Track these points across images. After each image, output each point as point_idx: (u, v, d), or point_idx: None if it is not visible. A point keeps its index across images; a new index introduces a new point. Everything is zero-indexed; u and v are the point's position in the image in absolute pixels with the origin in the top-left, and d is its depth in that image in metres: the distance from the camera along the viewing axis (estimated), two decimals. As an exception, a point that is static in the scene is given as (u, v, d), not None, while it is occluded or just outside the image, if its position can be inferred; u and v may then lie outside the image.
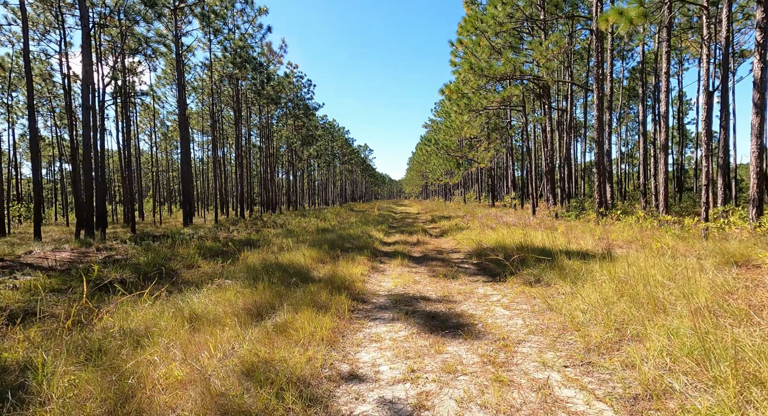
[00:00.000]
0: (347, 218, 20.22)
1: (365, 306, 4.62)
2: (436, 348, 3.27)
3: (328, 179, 63.11)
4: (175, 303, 4.13)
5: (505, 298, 4.87)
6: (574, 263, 5.81)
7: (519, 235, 9.42)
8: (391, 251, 9.04)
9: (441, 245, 10.21)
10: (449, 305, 4.61)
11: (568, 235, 9.25)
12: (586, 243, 7.98)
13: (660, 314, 3.37)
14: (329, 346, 3.32)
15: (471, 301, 4.79)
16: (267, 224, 18.36)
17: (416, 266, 7.20)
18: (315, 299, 4.43)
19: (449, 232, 12.52)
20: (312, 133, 37.07)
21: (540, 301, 4.54)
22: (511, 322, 3.94)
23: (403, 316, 4.18)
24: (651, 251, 6.30)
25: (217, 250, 9.44)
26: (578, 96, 28.61)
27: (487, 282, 5.79)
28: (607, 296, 4.01)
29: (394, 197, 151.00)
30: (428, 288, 5.50)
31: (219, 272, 5.89)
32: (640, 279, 4.35)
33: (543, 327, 3.73)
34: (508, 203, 23.11)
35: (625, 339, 3.11)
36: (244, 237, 12.43)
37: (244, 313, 3.90)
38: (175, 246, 9.27)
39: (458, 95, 16.70)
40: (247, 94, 24.68)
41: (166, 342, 3.12)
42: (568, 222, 13.09)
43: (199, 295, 4.44)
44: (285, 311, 3.97)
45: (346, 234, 11.47)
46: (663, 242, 6.70)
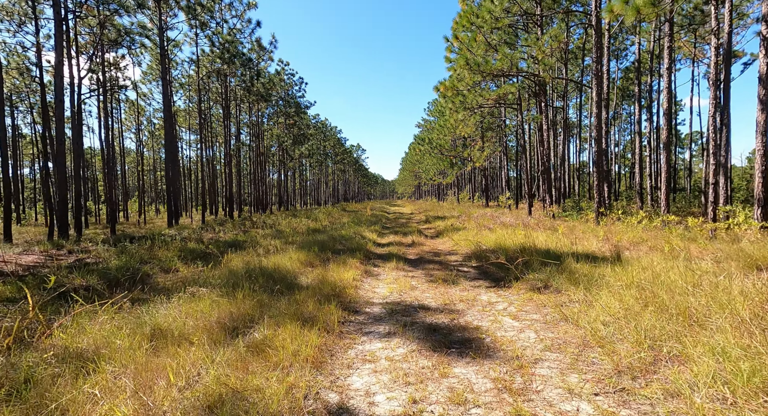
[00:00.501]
0: (339, 219, 19.70)
1: (358, 318, 4.13)
2: (441, 369, 2.79)
3: (320, 179, 62.44)
4: (139, 316, 3.59)
5: (512, 306, 4.41)
6: (582, 267, 5.39)
7: (519, 236, 9.01)
8: (385, 254, 8.56)
9: (437, 247, 9.75)
10: (451, 315, 4.14)
11: (570, 236, 8.86)
12: (590, 245, 7.59)
13: (695, 327, 2.94)
14: (315, 368, 2.83)
15: (475, 310, 4.32)
16: (256, 225, 17.76)
17: (412, 270, 6.72)
18: (301, 310, 3.92)
19: (445, 233, 12.08)
20: (304, 132, 36.43)
21: (552, 310, 4.10)
22: (523, 335, 3.49)
23: (400, 329, 3.70)
24: (663, 254, 5.92)
25: (200, 252, 8.87)
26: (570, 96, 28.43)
27: (490, 288, 5.34)
28: (629, 306, 3.57)
29: (387, 198, 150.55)
30: (427, 295, 5.03)
31: (195, 278, 5.35)
32: (659, 285, 3.94)
33: (560, 342, 3.27)
34: (502, 203, 22.78)
35: (662, 360, 2.67)
36: (230, 238, 11.85)
37: (218, 328, 3.38)
38: (153, 248, 8.67)
39: (453, 93, 16.29)
40: (237, 91, 24.00)
41: (117, 367, 2.59)
42: (567, 223, 12.75)
43: (169, 306, 3.91)
44: (265, 325, 3.46)
45: (338, 235, 10.96)
46: (674, 244, 6.33)
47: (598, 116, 12.30)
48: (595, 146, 12.45)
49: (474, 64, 13.47)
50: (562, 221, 13.53)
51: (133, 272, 6.60)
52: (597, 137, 12.42)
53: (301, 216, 21.96)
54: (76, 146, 11.72)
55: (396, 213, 29.72)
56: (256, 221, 19.43)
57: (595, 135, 12.42)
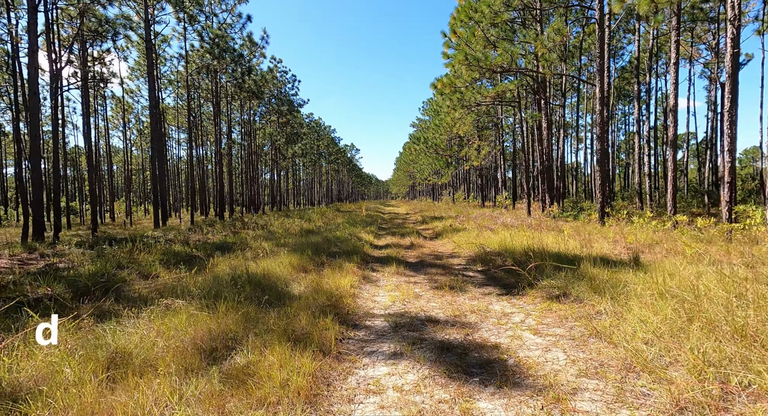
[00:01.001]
0: (333, 219, 19.15)
1: (357, 334, 3.61)
2: (462, 405, 2.29)
3: (313, 178, 61.75)
4: (100, 336, 3.04)
5: (531, 318, 3.94)
6: (600, 272, 4.94)
7: (524, 237, 8.57)
8: (384, 257, 8.05)
9: (437, 249, 9.27)
10: (464, 329, 3.64)
11: (578, 237, 8.43)
12: (601, 247, 7.16)
13: (761, 351, 2.48)
14: (309, 404, 2.31)
15: (489, 323, 3.84)
16: (247, 226, 17.15)
17: (414, 275, 6.23)
18: (292, 326, 3.40)
19: (444, 234, 11.61)
20: (297, 131, 35.79)
21: (577, 323, 3.63)
22: (550, 356, 3.00)
23: (407, 348, 3.19)
24: (685, 258, 5.50)
25: (185, 256, 8.28)
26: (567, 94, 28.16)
27: (501, 295, 4.86)
28: (668, 320, 3.11)
29: (381, 198, 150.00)
30: (433, 305, 4.53)
31: (175, 286, 4.79)
32: (696, 294, 3.49)
33: (596, 365, 2.80)
34: (500, 203, 22.41)
35: (734, 393, 2.20)
36: (218, 240, 11.26)
37: (193, 350, 2.85)
38: (134, 251, 8.07)
39: (451, 90, 15.84)
40: (227, 88, 23.33)
41: (56, 409, 2.05)
42: (569, 223, 12.36)
43: (138, 322, 3.36)
44: (250, 345, 2.93)
45: (333, 237, 10.43)
46: (693, 247, 5.91)
47: (601, 113, 11.92)
48: (598, 144, 12.07)
49: (473, 60, 13.03)
50: (564, 222, 13.15)
51: (108, 278, 6.02)
52: (600, 134, 12.04)
53: (294, 217, 21.37)
54: (55, 142, 11.02)
55: (391, 213, 29.22)
56: (247, 222, 18.80)
57: (598, 133, 12.04)
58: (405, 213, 29.45)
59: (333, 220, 18.77)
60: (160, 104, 22.95)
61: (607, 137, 12.96)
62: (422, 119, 46.47)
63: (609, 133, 31.27)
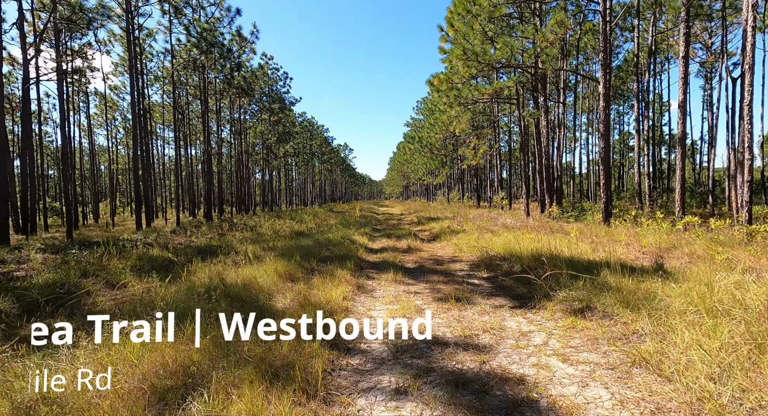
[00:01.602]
0: (326, 220, 18.50)
1: (351, 362, 3.00)
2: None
3: (306, 178, 60.96)
4: (18, 374, 2.39)
5: (554, 339, 3.36)
6: (623, 282, 4.39)
7: (528, 240, 8.02)
8: (380, 262, 7.44)
9: (437, 253, 8.69)
10: (479, 355, 3.05)
11: (586, 240, 7.92)
12: (614, 251, 6.64)
13: None
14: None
15: (506, 345, 3.25)
16: (235, 227, 16.43)
17: (414, 283, 5.63)
18: (271, 355, 2.78)
19: (442, 236, 11.04)
20: (289, 130, 35.02)
21: (611, 347, 3.06)
22: (591, 394, 2.42)
23: (413, 383, 2.59)
24: (713, 264, 4.98)
25: (162, 261, 7.60)
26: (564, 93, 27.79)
27: (515, 309, 4.28)
28: (729, 344, 2.55)
29: (375, 198, 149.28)
30: (439, 321, 3.94)
31: (143, 298, 4.13)
32: (741, 308, 2.94)
33: (652, 409, 2.22)
34: (496, 204, 21.94)
35: None
36: (203, 243, 10.56)
37: (139, 394, 2.21)
38: (105, 257, 7.36)
39: (448, 86, 15.29)
40: (215, 84, 22.55)
41: None
42: (571, 224, 11.88)
43: (76, 353, 2.71)
44: (214, 385, 2.30)
45: (325, 239, 9.80)
46: (720, 251, 5.39)
47: (605, 109, 11.46)
48: (602, 142, 11.60)
49: (472, 54, 12.49)
50: (565, 223, 12.68)
51: (69, 289, 5.34)
52: (604, 132, 11.58)
53: (285, 218, 20.67)
54: (25, 138, 10.25)
55: (385, 214, 28.62)
56: (236, 223, 18.08)
57: (602, 130, 11.58)
58: (400, 214, 28.87)
59: (326, 221, 18.12)
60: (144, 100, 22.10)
61: (609, 135, 12.50)
62: (416, 118, 45.96)
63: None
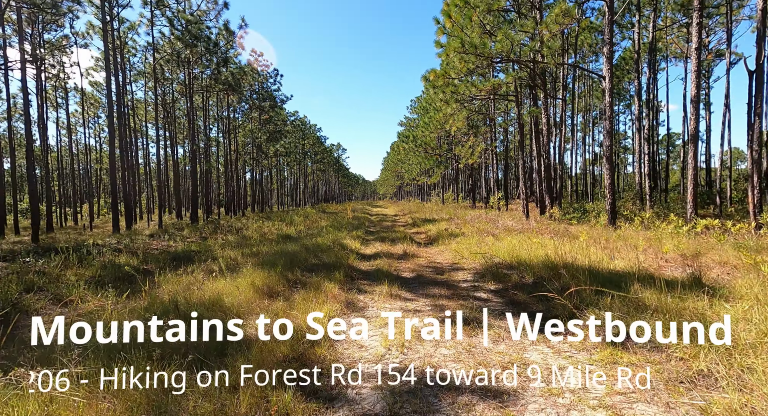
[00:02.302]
0: (317, 222, 17.71)
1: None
2: None
3: (298, 178, 59.98)
4: None
5: (595, 380, 2.64)
6: (661, 299, 3.71)
7: (534, 245, 7.34)
8: (372, 271, 6.70)
9: (435, 259, 7.97)
10: (503, 408, 2.32)
11: (597, 245, 7.26)
12: (634, 258, 5.97)
13: None
14: None
15: (535, 390, 2.54)
16: (221, 229, 15.58)
17: (413, 298, 4.89)
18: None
19: (440, 240, 10.33)
20: (280, 128, 34.12)
21: (677, 396, 2.35)
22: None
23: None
24: (759, 276, 4.32)
25: (130, 270, 6.78)
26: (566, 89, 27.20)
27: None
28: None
29: (368, 198, 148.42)
30: (445, 352, 3.21)
31: (94, 317, 3.33)
32: None
33: None
34: (493, 204, 21.32)
35: None
36: (180, 248, 9.73)
37: None
38: (61, 266, 6.52)
39: (444, 82, 14.60)
40: (202, 80, 21.62)
41: None
42: (574, 226, 11.26)
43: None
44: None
45: (313, 244, 9.04)
46: (760, 261, 4.75)
47: (610, 105, 10.86)
48: (607, 140, 11.00)
49: (470, 46, 11.81)
50: (568, 225, 12.06)
51: (7, 305, 4.52)
52: (609, 128, 10.98)
53: (275, 219, 19.85)
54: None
55: (379, 215, 27.88)
56: (222, 226, 17.21)
57: (607, 127, 10.98)
58: (394, 215, 28.15)
59: (317, 223, 17.33)
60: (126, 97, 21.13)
61: (614, 132, 11.90)
62: (410, 117, 45.33)
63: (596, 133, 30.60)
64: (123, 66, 22.08)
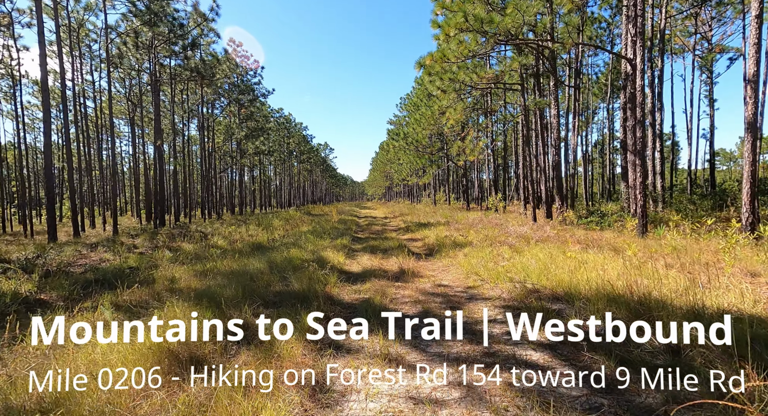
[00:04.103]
0: (299, 226, 15.71)
1: None
2: None
3: (282, 179, 57.62)
4: None
5: None
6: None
7: (573, 262, 5.57)
8: (359, 303, 4.78)
9: (442, 279, 6.11)
10: None
11: (655, 261, 5.50)
12: (732, 287, 4.21)
13: None
14: None
15: None
16: (185, 236, 13.46)
17: (424, 366, 3.00)
18: None
19: (442, 250, 8.47)
20: (262, 125, 31.89)
21: None
22: None
23: None
24: None
25: (7, 303, 4.74)
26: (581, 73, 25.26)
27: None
28: None
29: (357, 199, 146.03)
30: None
31: None
32: None
33: None
34: (492, 206, 19.62)
35: None
36: (114, 265, 7.66)
37: None
38: None
39: (442, 67, 12.79)
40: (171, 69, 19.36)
41: None
42: (596, 233, 9.57)
43: None
44: None
45: (285, 259, 7.10)
46: None
47: (642, 89, 9.20)
48: (639, 130, 9.34)
49: (474, 21, 10.02)
50: (586, 230, 10.38)
51: None
52: (640, 117, 9.32)
53: (251, 223, 17.75)
54: None
55: (368, 218, 25.93)
56: (188, 231, 15.06)
57: (638, 115, 9.31)
58: (384, 217, 26.23)
59: (298, 227, 15.32)
60: (78, 85, 18.78)
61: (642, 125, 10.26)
62: (400, 115, 43.58)
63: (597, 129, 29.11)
64: (80, 52, 19.70)
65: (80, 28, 18.37)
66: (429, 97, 27.61)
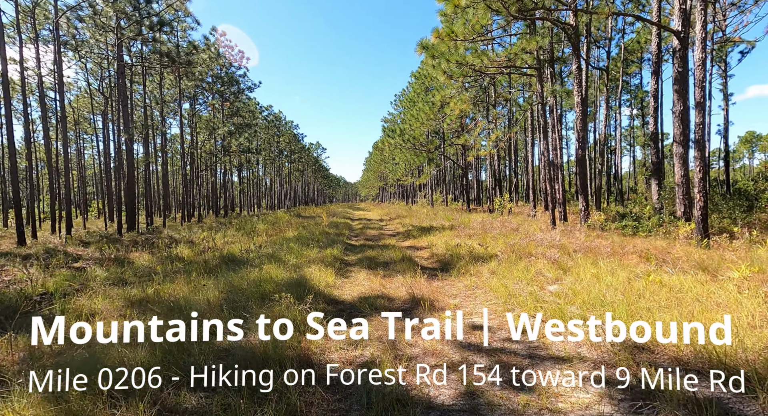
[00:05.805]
0: (285, 230, 13.79)
1: None
2: None
3: (272, 179, 55.47)
4: None
5: None
6: None
7: (662, 290, 3.82)
8: (354, 372, 2.93)
9: (473, 316, 4.27)
10: None
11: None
12: None
13: None
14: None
15: None
16: (148, 244, 11.51)
17: None
18: None
19: (459, 264, 6.63)
20: (248, 121, 29.86)
21: None
22: None
23: None
24: None
25: None
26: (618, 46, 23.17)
27: None
28: None
29: (350, 200, 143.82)
30: None
31: None
32: None
33: None
34: (499, 207, 17.89)
35: None
36: (22, 291, 5.70)
37: None
38: None
39: (448, 47, 11.00)
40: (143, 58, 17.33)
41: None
42: (640, 240, 7.85)
43: None
44: None
45: (255, 282, 5.23)
46: None
47: (702, 65, 7.54)
48: (698, 117, 7.66)
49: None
50: (622, 236, 8.67)
51: None
52: (700, 99, 7.65)
53: (233, 227, 15.79)
54: None
55: (362, 220, 24.04)
56: (153, 238, 13.08)
57: (697, 97, 7.64)
58: (379, 219, 24.36)
59: (284, 232, 13.40)
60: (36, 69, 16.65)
61: (688, 114, 8.59)
62: (395, 113, 41.84)
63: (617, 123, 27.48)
64: (37, 36, 17.54)
65: (36, 7, 16.24)
66: (427, 91, 25.86)
